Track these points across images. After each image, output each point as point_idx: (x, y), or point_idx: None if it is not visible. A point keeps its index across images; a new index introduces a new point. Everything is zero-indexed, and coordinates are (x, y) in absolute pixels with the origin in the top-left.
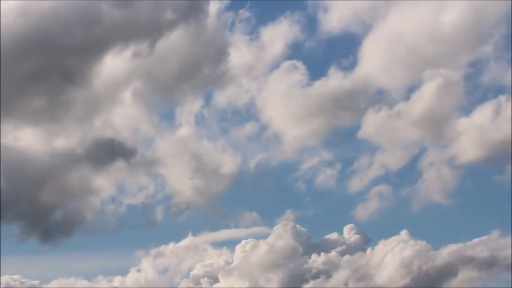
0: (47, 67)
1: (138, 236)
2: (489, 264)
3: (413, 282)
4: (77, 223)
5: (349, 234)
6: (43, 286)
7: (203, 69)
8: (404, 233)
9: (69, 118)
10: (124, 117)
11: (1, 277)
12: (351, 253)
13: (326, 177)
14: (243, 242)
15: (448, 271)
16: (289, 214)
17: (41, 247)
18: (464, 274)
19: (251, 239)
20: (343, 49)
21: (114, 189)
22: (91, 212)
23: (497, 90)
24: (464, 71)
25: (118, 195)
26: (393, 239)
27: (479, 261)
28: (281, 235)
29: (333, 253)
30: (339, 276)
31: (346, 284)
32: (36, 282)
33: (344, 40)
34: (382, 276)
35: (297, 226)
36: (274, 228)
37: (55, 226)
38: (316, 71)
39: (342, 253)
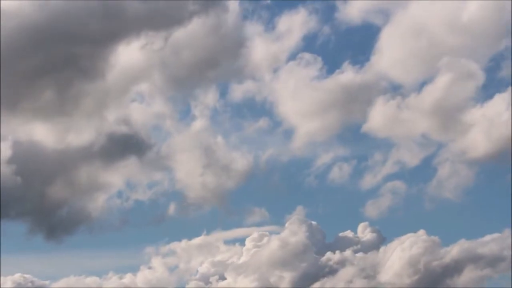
0: (57, 58)
1: (148, 233)
2: (497, 262)
3: (420, 279)
4: (85, 220)
5: (363, 232)
6: (54, 284)
7: (220, 62)
8: (420, 232)
9: (80, 112)
10: (137, 111)
11: (13, 276)
12: (365, 251)
13: (338, 173)
14: (255, 234)
15: (454, 268)
16: (300, 210)
17: (49, 244)
18: (470, 272)
19: (264, 232)
20: (361, 40)
21: (125, 185)
22: (101, 209)
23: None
24: (484, 64)
25: (129, 191)
26: (408, 237)
27: (488, 259)
28: (295, 231)
29: (348, 252)
30: (346, 274)
31: (350, 281)
32: (47, 282)
33: (363, 30)
34: (388, 274)
35: (313, 223)
36: (286, 224)
37: (62, 223)
38: (332, 64)
39: (356, 252)
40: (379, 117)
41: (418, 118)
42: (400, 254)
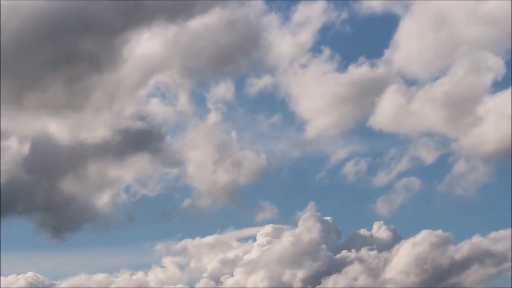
0: (68, 51)
1: (159, 229)
2: (507, 259)
3: (427, 277)
4: (93, 216)
5: (378, 231)
6: (66, 281)
7: (236, 55)
8: (438, 232)
9: (93, 106)
10: (151, 105)
11: (26, 274)
12: (380, 250)
13: (351, 169)
14: (267, 227)
15: (462, 266)
16: (311, 207)
17: (55, 242)
18: (478, 270)
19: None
20: (379, 31)
21: (137, 181)
22: (109, 205)
23: None
24: (504, 55)
25: (139, 187)
26: (420, 234)
27: (498, 257)
28: (309, 228)
29: (363, 250)
30: (354, 271)
31: (356, 279)
32: (57, 282)
33: (382, 21)
34: (392, 272)
35: (328, 219)
36: (300, 221)
37: (70, 220)
38: (349, 58)
39: (371, 250)
40: (392, 111)
41: (432, 111)
42: (409, 252)
